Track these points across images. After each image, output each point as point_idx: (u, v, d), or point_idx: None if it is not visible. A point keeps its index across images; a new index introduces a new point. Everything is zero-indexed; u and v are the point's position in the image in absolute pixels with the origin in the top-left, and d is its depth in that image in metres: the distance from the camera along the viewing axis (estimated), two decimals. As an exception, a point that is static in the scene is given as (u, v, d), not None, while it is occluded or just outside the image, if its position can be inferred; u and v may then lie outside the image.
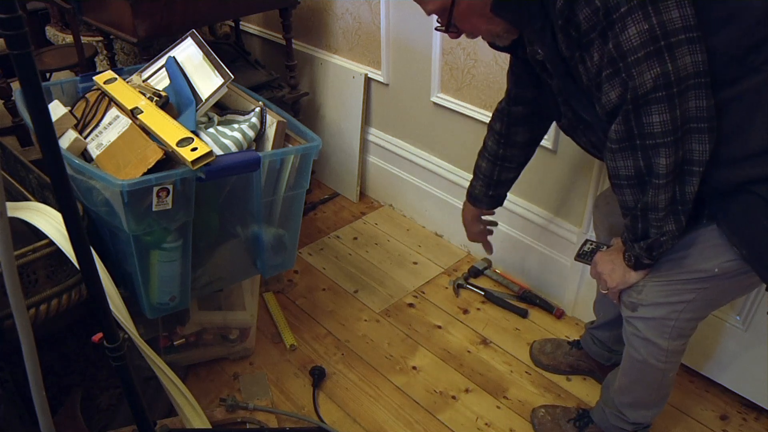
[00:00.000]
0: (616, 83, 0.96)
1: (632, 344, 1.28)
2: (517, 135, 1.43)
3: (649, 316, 1.22)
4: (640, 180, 1.03)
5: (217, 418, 1.54)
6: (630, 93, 0.95)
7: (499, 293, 2.04)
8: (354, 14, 2.22)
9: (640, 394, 1.36)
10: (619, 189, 1.08)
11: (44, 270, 1.22)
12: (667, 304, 1.19)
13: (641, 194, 1.05)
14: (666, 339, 1.23)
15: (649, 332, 1.23)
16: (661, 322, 1.21)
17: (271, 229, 1.53)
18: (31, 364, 0.91)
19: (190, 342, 1.70)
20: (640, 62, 0.92)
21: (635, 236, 1.11)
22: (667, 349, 1.24)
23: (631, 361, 1.31)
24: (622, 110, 0.97)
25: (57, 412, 1.50)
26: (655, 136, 0.97)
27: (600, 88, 0.99)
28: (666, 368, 1.28)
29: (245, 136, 1.42)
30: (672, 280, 1.16)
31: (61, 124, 1.41)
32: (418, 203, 2.36)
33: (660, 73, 0.92)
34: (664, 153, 0.98)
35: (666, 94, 0.93)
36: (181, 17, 1.76)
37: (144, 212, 1.24)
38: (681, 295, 1.17)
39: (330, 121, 2.50)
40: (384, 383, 1.74)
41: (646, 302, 1.21)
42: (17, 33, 0.67)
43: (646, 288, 1.19)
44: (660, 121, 0.95)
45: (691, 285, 1.16)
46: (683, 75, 0.93)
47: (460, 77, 1.97)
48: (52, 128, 0.76)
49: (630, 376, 1.34)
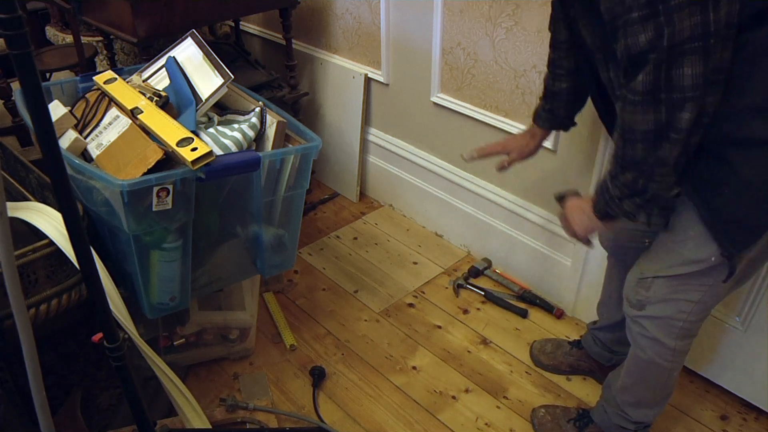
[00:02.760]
0: (649, 27, 0.89)
1: (639, 344, 1.28)
2: (560, 34, 1.33)
3: (657, 314, 1.22)
4: (657, 135, 0.98)
5: (217, 418, 1.54)
6: (667, 40, 0.89)
7: (499, 293, 2.04)
8: (354, 14, 2.22)
9: (644, 394, 1.37)
10: (630, 144, 1.02)
11: (44, 270, 1.22)
12: (674, 300, 1.20)
13: (654, 149, 1.00)
14: (673, 339, 1.23)
15: (657, 331, 1.24)
16: (669, 322, 1.22)
17: (271, 229, 1.53)
18: (31, 364, 0.91)
19: (190, 342, 1.70)
20: (682, 8, 0.86)
21: (632, 191, 1.07)
22: (674, 348, 1.25)
23: (637, 360, 1.31)
24: (652, 59, 0.91)
25: (57, 412, 1.50)
26: (684, 90, 0.92)
27: (625, 29, 0.93)
28: (672, 368, 1.29)
29: (245, 136, 1.42)
30: (678, 275, 1.17)
31: (61, 124, 1.41)
32: (418, 203, 2.36)
33: (700, 22, 0.87)
34: (690, 107, 0.93)
35: (702, 45, 0.88)
36: (181, 17, 1.77)
37: (144, 212, 1.24)
38: (687, 293, 1.18)
39: (330, 121, 2.50)
40: (384, 383, 1.74)
41: (654, 299, 1.21)
42: (17, 33, 0.68)
43: (654, 285, 1.20)
44: (692, 74, 0.90)
45: (695, 280, 1.17)
46: (721, 26, 0.88)
47: (460, 77, 1.97)
48: (52, 128, 0.76)
49: (634, 375, 1.34)
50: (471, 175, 2.11)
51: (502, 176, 2.01)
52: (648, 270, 1.23)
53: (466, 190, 2.13)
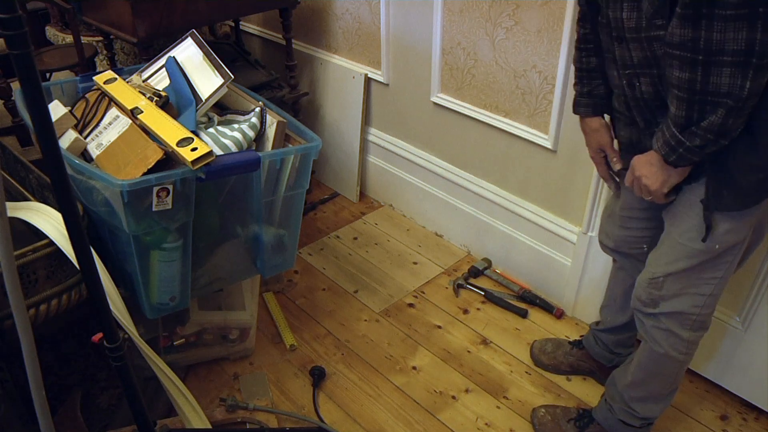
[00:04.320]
0: None
1: (653, 337, 1.29)
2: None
3: (671, 310, 1.24)
4: (747, 58, 0.87)
5: (217, 418, 1.54)
6: None
7: (499, 293, 2.04)
8: (354, 14, 2.22)
9: (654, 388, 1.37)
10: (715, 69, 0.90)
11: (44, 270, 1.22)
12: (687, 295, 1.21)
13: (742, 78, 0.89)
14: (687, 330, 1.25)
15: (672, 324, 1.25)
16: (683, 316, 1.24)
17: (271, 229, 1.53)
18: (31, 364, 0.91)
19: (190, 342, 1.70)
20: None
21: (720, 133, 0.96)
22: (688, 340, 1.26)
23: (651, 354, 1.31)
24: None
25: (57, 412, 1.50)
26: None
27: None
28: (685, 360, 1.30)
29: (245, 136, 1.42)
30: (687, 268, 1.18)
31: (61, 124, 1.41)
32: (418, 203, 2.36)
33: None
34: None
35: None
36: (181, 17, 1.77)
37: (144, 212, 1.24)
38: (699, 287, 1.20)
39: (330, 121, 2.50)
40: (384, 383, 1.74)
41: (667, 296, 1.23)
42: (17, 33, 0.68)
43: (666, 283, 1.22)
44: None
45: (706, 274, 1.18)
46: None
47: (460, 77, 1.97)
48: (52, 128, 0.76)
49: (647, 369, 1.35)
50: (471, 175, 2.11)
51: (502, 176, 2.01)
52: (658, 269, 1.23)
53: (466, 190, 2.13)
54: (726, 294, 1.56)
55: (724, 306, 1.58)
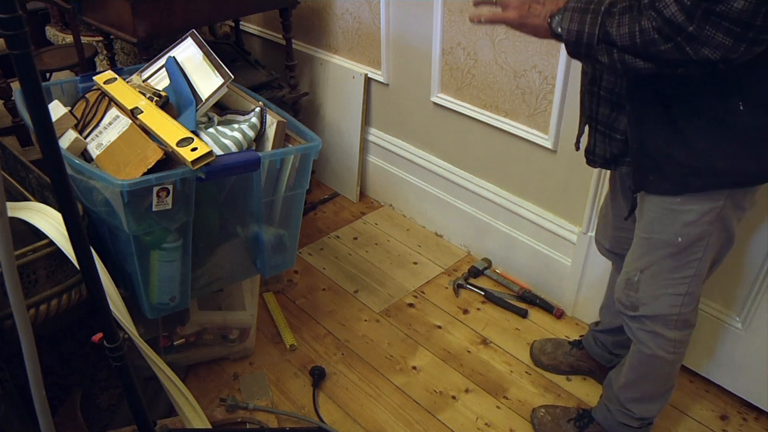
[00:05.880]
0: None
1: (640, 339, 1.29)
2: None
3: (650, 313, 1.24)
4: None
5: (217, 418, 1.54)
6: None
7: (499, 293, 2.04)
8: (354, 14, 2.22)
9: (647, 388, 1.38)
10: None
11: (44, 270, 1.22)
12: (663, 296, 1.22)
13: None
14: (672, 329, 1.25)
15: (655, 325, 1.25)
16: (664, 317, 1.24)
17: (271, 229, 1.53)
18: (31, 364, 0.91)
19: (190, 342, 1.70)
20: None
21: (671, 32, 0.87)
22: (674, 339, 1.26)
23: (640, 355, 1.32)
24: None
25: (57, 412, 1.50)
26: None
27: None
28: (674, 359, 1.30)
29: (245, 136, 1.42)
30: (656, 263, 1.19)
31: (61, 124, 1.41)
32: (418, 203, 2.36)
33: None
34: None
35: None
36: (181, 17, 1.77)
37: (144, 212, 1.24)
38: (674, 287, 1.20)
39: (330, 121, 2.50)
40: (384, 383, 1.74)
41: (644, 299, 1.24)
42: (17, 33, 0.68)
43: (641, 284, 1.22)
44: None
45: (677, 273, 1.19)
46: None
47: (460, 77, 1.97)
48: (52, 128, 0.76)
49: (638, 370, 1.35)
50: (471, 175, 2.11)
51: (502, 176, 2.01)
52: (631, 269, 1.25)
53: (466, 190, 2.13)
54: (726, 294, 1.57)
55: (724, 306, 1.59)
